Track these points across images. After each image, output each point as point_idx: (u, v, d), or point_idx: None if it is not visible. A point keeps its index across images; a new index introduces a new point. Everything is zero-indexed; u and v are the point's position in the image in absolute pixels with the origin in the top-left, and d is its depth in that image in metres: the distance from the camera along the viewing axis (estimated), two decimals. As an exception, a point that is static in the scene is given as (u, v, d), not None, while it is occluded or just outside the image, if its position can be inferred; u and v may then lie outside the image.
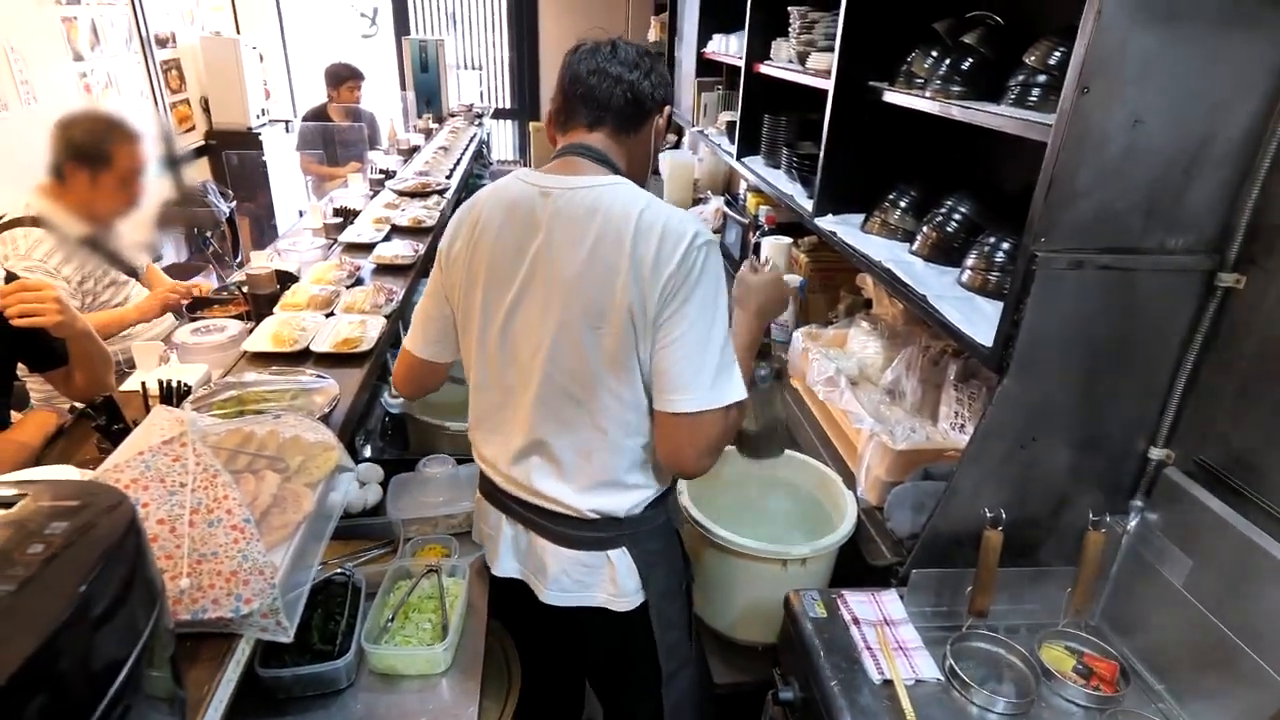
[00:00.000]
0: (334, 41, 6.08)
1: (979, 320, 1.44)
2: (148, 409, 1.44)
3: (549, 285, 1.17)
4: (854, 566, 1.64)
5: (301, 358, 1.69)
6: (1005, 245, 1.57)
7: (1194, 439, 1.33)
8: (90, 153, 1.98)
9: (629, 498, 1.27)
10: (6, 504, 0.67)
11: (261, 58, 5.41)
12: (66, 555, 0.62)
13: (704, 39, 3.76)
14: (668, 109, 1.29)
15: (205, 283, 2.19)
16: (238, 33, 5.71)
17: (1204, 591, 1.25)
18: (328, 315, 1.90)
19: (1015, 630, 1.38)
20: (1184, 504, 1.31)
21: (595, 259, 1.13)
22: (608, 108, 1.21)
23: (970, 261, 1.63)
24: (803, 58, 2.38)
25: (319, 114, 4.84)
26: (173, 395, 1.44)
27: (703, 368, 1.11)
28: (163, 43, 4.80)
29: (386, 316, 1.90)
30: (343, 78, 4.75)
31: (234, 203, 4.81)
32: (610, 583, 1.31)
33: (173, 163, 3.20)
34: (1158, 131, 1.14)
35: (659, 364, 1.14)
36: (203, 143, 5.20)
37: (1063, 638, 1.36)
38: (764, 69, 2.76)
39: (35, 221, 1.99)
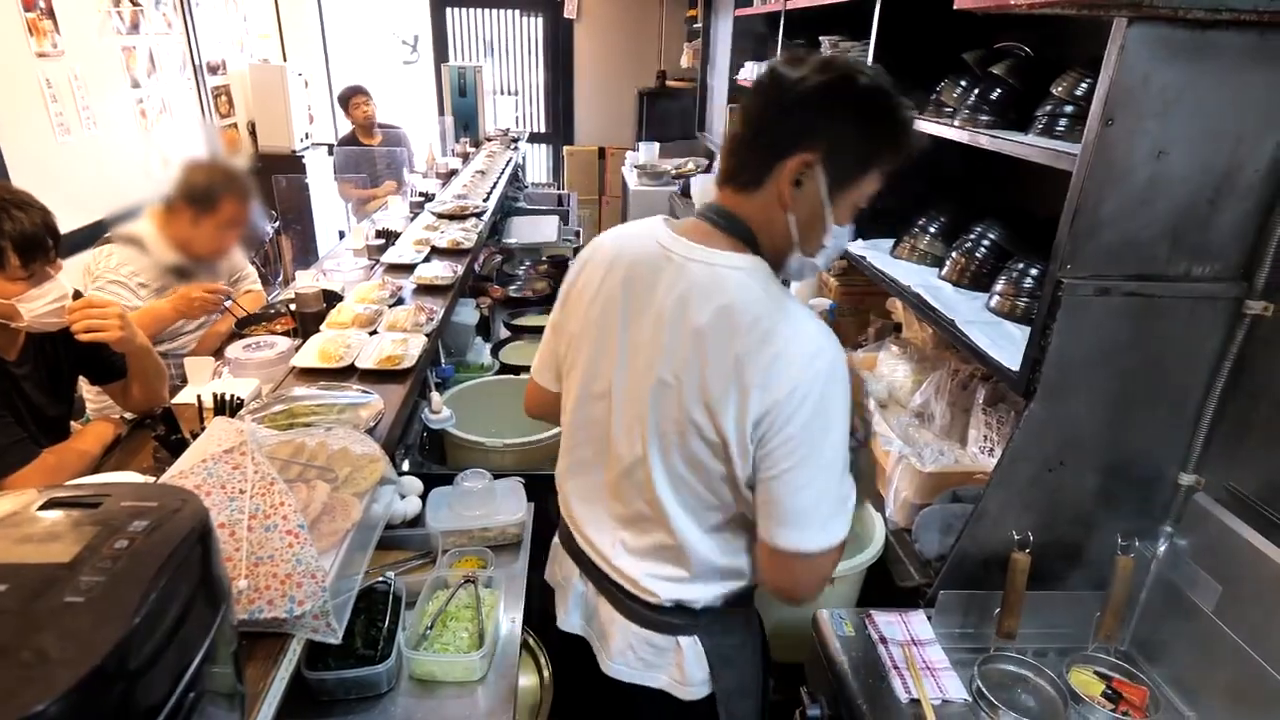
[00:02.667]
0: (376, 68, 6.27)
1: (1007, 345, 1.46)
2: (202, 420, 1.52)
3: (653, 362, 1.05)
4: (881, 588, 1.65)
5: (347, 374, 1.76)
6: (1033, 271, 1.59)
7: (1224, 465, 1.33)
8: (200, 196, 2.11)
9: (711, 590, 1.15)
10: (93, 504, 0.74)
11: (306, 84, 5.61)
12: (147, 550, 0.68)
13: (736, 66, 3.85)
14: (802, 157, 0.96)
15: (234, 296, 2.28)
16: (284, 60, 5.93)
17: (1235, 619, 1.25)
18: (371, 333, 1.97)
19: (1043, 653, 1.39)
20: (1215, 530, 1.31)
21: (698, 352, 1.00)
22: (728, 152, 1.03)
23: (999, 287, 1.65)
24: (833, 86, 2.43)
25: (349, 140, 4.99)
26: (226, 408, 1.51)
27: (819, 503, 0.98)
28: (214, 70, 5.00)
29: (427, 335, 1.97)
30: (346, 98, 4.88)
31: (277, 223, 4.97)
32: (676, 668, 1.18)
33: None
34: (1182, 163, 1.17)
35: (768, 493, 1.00)
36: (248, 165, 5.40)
37: (1091, 662, 1.37)
38: (795, 96, 2.81)
39: (130, 240, 2.12)
